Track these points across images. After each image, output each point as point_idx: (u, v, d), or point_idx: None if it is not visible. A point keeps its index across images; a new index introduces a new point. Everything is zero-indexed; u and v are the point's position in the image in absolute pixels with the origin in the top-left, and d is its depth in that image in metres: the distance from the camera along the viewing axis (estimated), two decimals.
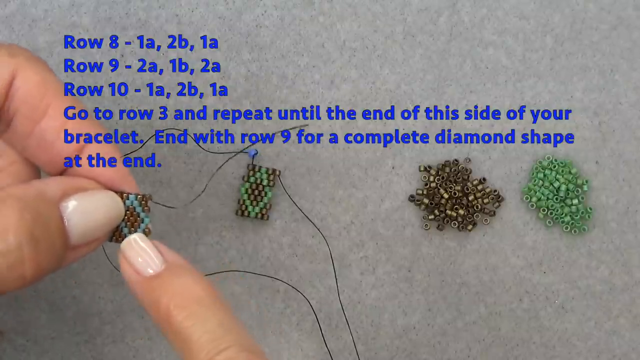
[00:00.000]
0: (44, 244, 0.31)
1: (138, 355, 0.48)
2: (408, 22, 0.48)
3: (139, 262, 0.34)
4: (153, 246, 0.35)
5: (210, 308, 0.33)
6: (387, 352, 0.49)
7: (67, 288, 0.48)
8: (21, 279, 0.30)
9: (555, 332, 0.49)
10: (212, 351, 0.32)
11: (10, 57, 0.33)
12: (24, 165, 0.35)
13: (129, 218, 0.36)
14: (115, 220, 0.35)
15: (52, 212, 0.32)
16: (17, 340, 0.48)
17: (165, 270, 0.34)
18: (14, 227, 0.30)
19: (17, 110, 0.33)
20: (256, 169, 0.47)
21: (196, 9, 0.48)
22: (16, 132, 0.34)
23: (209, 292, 0.34)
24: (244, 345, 0.32)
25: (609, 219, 0.49)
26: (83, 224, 0.33)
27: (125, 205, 0.35)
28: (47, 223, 0.31)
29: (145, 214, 0.36)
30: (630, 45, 0.49)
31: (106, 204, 0.34)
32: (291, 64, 0.48)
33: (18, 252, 0.30)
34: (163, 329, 0.33)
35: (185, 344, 0.32)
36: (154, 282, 0.34)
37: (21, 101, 0.33)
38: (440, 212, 0.48)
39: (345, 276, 0.48)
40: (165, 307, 0.33)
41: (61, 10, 0.47)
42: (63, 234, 0.32)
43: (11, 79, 0.33)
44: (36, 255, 0.30)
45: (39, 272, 0.31)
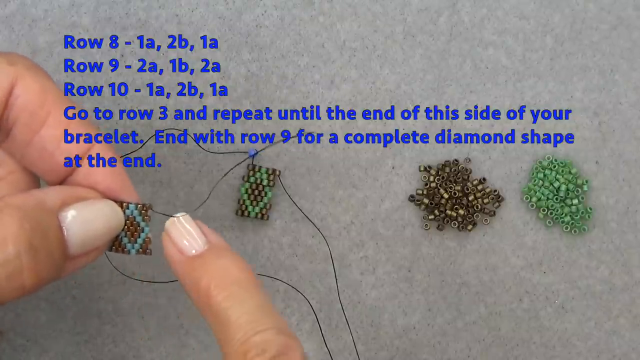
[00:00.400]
0: (43, 254, 0.31)
1: (138, 355, 0.48)
2: (408, 22, 0.48)
3: (183, 242, 0.34)
4: (197, 226, 0.35)
5: (249, 290, 0.33)
6: (387, 352, 0.49)
7: (67, 288, 0.48)
8: (20, 289, 0.30)
9: (555, 332, 0.49)
10: (250, 332, 0.32)
11: (9, 66, 0.33)
12: (23, 175, 0.35)
13: (129, 227, 0.35)
14: (115, 230, 0.35)
15: (51, 221, 0.32)
16: (17, 340, 0.48)
17: (207, 251, 0.34)
18: (13, 236, 0.30)
19: (17, 119, 0.33)
20: (256, 169, 0.47)
21: (196, 9, 0.48)
22: (16, 141, 0.34)
23: (248, 275, 0.34)
24: (281, 329, 0.32)
25: (609, 219, 0.49)
26: (82, 234, 0.33)
27: (125, 215, 0.35)
28: (46, 232, 0.31)
29: (146, 224, 0.36)
30: (630, 45, 0.49)
31: (106, 214, 0.34)
32: (291, 64, 0.48)
33: (17, 261, 0.30)
34: (202, 309, 0.33)
35: (223, 324, 0.32)
36: (196, 262, 0.34)
37: (21, 110, 0.33)
38: (440, 212, 0.48)
39: (345, 276, 0.48)
40: (206, 287, 0.33)
41: (61, 10, 0.47)
42: (62, 244, 0.32)
43: (11, 87, 0.33)
44: (35, 265, 0.30)
45: (38, 281, 0.31)
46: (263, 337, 0.32)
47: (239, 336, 0.32)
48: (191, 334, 0.48)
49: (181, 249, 0.34)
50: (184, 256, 0.34)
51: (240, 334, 0.32)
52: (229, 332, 0.32)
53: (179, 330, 0.48)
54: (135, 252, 0.36)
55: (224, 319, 0.32)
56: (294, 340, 0.32)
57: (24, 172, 0.35)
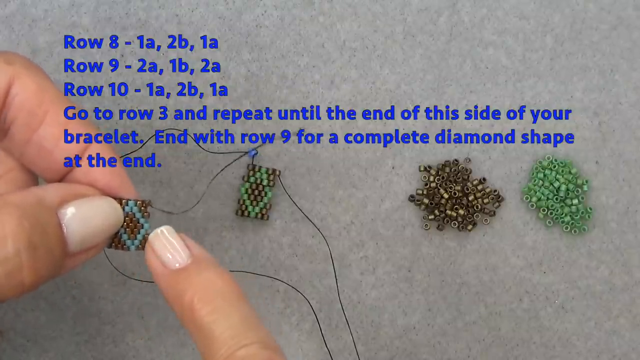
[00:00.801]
0: (42, 251, 0.31)
1: (138, 355, 0.48)
2: (408, 22, 0.48)
3: (166, 255, 0.34)
4: (180, 239, 0.35)
5: (234, 304, 0.33)
6: (387, 352, 0.49)
7: (67, 288, 0.48)
8: (20, 286, 0.30)
9: (555, 332, 0.49)
10: (234, 347, 0.32)
11: (6, 65, 0.33)
12: (22, 173, 0.35)
13: (128, 224, 0.35)
14: (114, 227, 0.35)
15: (50, 219, 0.32)
16: (17, 340, 0.48)
17: (191, 264, 0.34)
18: (12, 234, 0.30)
19: (15, 118, 0.33)
20: (256, 169, 0.47)
21: (196, 9, 0.48)
22: (14, 140, 0.34)
23: (232, 287, 0.34)
24: (266, 343, 0.32)
25: (609, 219, 0.49)
26: (81, 231, 0.33)
27: (125, 212, 0.35)
28: (46, 230, 0.31)
29: (145, 220, 0.36)
30: (630, 45, 0.49)
31: (105, 211, 0.34)
32: (291, 64, 0.48)
33: (16, 259, 0.30)
34: (185, 322, 0.33)
35: (207, 338, 0.32)
36: (180, 275, 0.34)
37: (18, 109, 0.33)
38: (440, 212, 0.48)
39: (345, 276, 0.49)
40: (189, 300, 0.33)
41: (61, 10, 0.47)
42: (61, 241, 0.32)
43: (8, 86, 0.33)
44: (34, 263, 0.30)
45: (38, 279, 0.31)
46: (247, 352, 0.32)
47: (222, 351, 0.32)
48: None
49: (164, 262, 0.34)
50: (167, 269, 0.34)
51: (224, 349, 0.32)
52: (212, 347, 0.32)
53: (179, 330, 0.48)
54: (134, 249, 0.36)
55: (207, 333, 0.32)
56: (278, 355, 0.32)
57: (23, 170, 0.35)
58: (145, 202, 0.35)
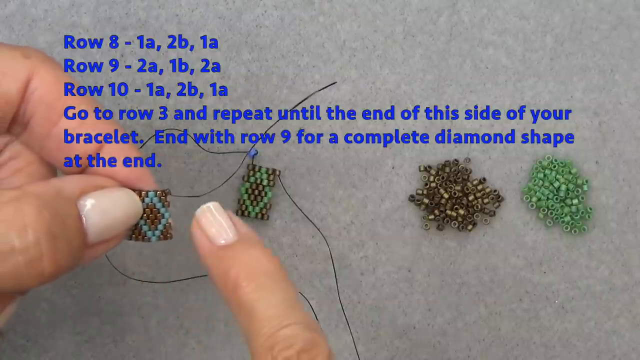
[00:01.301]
0: (62, 241, 0.31)
1: (138, 355, 0.48)
2: (408, 22, 0.48)
3: (213, 231, 0.35)
4: (227, 216, 0.35)
5: (279, 283, 0.33)
6: (387, 352, 0.49)
7: (67, 288, 0.48)
8: (39, 276, 0.30)
9: (555, 332, 0.49)
10: (277, 326, 0.32)
11: (25, 59, 0.33)
12: (41, 166, 0.35)
13: (148, 215, 0.35)
14: (133, 218, 0.35)
15: (70, 209, 0.32)
16: (17, 340, 0.48)
17: (237, 242, 0.34)
18: (32, 223, 0.30)
19: (34, 112, 0.33)
20: (256, 169, 0.47)
21: (196, 9, 0.48)
22: (34, 133, 0.34)
23: (277, 267, 0.34)
24: (308, 324, 0.32)
25: (609, 219, 0.49)
26: (101, 222, 0.33)
27: (145, 203, 0.35)
28: (65, 220, 0.31)
29: (166, 209, 0.36)
30: (630, 45, 0.49)
31: (124, 202, 0.34)
32: (291, 64, 0.48)
33: (36, 248, 0.30)
34: (229, 300, 0.33)
35: (250, 316, 0.32)
36: (226, 252, 0.34)
37: (38, 103, 0.33)
38: (440, 212, 0.48)
39: (345, 276, 0.49)
40: (234, 277, 0.33)
41: (61, 10, 0.47)
42: (81, 232, 0.32)
43: (27, 81, 0.33)
44: (54, 252, 0.30)
45: (57, 268, 0.31)
46: (290, 332, 0.32)
47: (265, 330, 0.32)
48: (191, 334, 0.48)
49: (210, 238, 0.35)
50: (214, 246, 0.34)
51: (267, 328, 0.32)
52: (255, 325, 0.32)
53: (179, 330, 0.48)
54: (156, 239, 0.36)
55: (251, 311, 0.32)
56: (320, 336, 0.32)
57: (42, 163, 0.35)
58: (165, 192, 0.36)
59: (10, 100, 0.33)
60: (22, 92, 0.33)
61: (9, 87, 0.33)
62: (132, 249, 0.48)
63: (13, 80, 0.33)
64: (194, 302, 0.48)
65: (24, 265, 0.30)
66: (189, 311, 0.48)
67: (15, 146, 0.35)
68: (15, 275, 0.30)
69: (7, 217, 0.29)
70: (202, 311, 0.48)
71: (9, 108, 0.33)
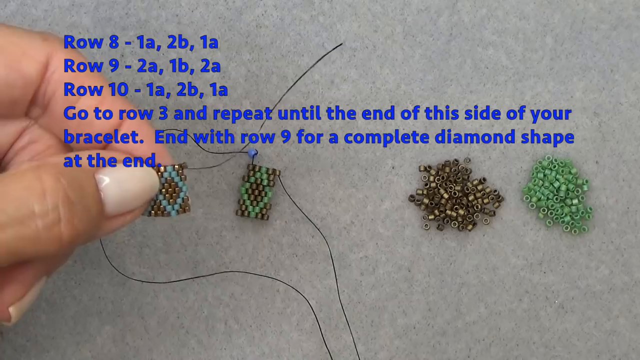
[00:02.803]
0: (80, 207, 0.32)
1: (138, 355, 0.48)
2: (408, 22, 0.48)
3: None
4: None
5: None
6: (387, 352, 0.49)
7: (67, 288, 0.48)
8: (58, 241, 0.31)
9: (555, 332, 0.49)
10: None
11: (43, 41, 0.34)
12: (61, 150, 0.36)
13: (167, 190, 0.36)
14: (151, 192, 0.35)
15: (88, 179, 0.33)
16: (17, 340, 0.48)
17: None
18: (50, 189, 0.31)
19: (54, 92, 0.34)
20: (256, 169, 0.47)
21: (196, 9, 0.48)
22: (53, 115, 0.35)
23: None
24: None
25: (609, 219, 0.49)
26: (118, 194, 0.34)
27: (164, 178, 0.36)
28: (83, 188, 0.32)
29: (183, 183, 0.36)
30: (630, 45, 0.49)
31: (141, 175, 0.35)
32: (291, 64, 0.48)
33: (54, 213, 0.31)
34: None
35: None
36: None
37: (57, 83, 0.34)
38: (440, 212, 0.48)
39: (345, 276, 0.48)
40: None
41: (61, 10, 0.47)
42: (99, 201, 0.33)
43: (46, 62, 0.34)
44: (72, 217, 0.31)
45: (75, 234, 0.32)
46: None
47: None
48: (191, 334, 0.48)
49: None
50: None
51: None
52: None
53: (179, 330, 0.48)
54: (175, 213, 0.37)
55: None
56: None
57: (62, 145, 0.36)
58: (182, 165, 0.36)
59: (30, 80, 0.33)
60: (42, 73, 0.34)
61: (29, 68, 0.33)
62: (132, 248, 0.48)
63: (32, 61, 0.33)
64: (194, 302, 0.48)
65: (43, 229, 0.31)
66: (189, 311, 0.48)
67: (35, 130, 0.36)
68: (35, 240, 0.31)
69: (26, 184, 0.31)
70: (202, 311, 0.48)
71: (28, 88, 0.34)
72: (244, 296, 0.48)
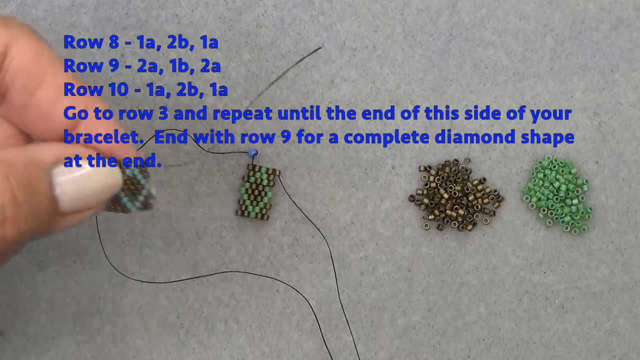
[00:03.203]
0: (28, 207, 0.31)
1: (138, 355, 0.48)
2: (408, 22, 0.48)
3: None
4: None
5: None
6: (387, 352, 0.49)
7: (67, 288, 0.48)
8: (1, 240, 0.31)
9: (555, 332, 0.49)
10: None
11: (3, 28, 0.33)
12: (21, 139, 0.35)
13: (129, 187, 0.35)
14: (111, 189, 0.34)
15: (41, 176, 0.32)
16: (17, 340, 0.48)
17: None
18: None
19: (12, 81, 0.33)
20: (256, 169, 0.47)
21: (196, 9, 0.48)
22: (12, 104, 0.34)
23: None
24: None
25: (609, 219, 0.49)
26: (74, 191, 0.33)
27: (126, 175, 0.34)
28: (34, 187, 0.31)
29: (146, 180, 0.35)
30: (630, 45, 0.49)
31: (100, 173, 0.34)
32: (291, 64, 0.48)
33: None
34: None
35: None
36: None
37: (16, 72, 0.33)
38: (440, 212, 0.48)
39: (345, 276, 0.48)
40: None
41: (61, 10, 0.47)
42: (50, 200, 0.32)
43: (5, 49, 0.33)
44: (17, 217, 0.31)
45: (19, 233, 0.31)
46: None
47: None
48: (191, 334, 0.48)
49: None
50: None
51: None
52: None
53: (179, 330, 0.48)
54: (136, 210, 0.36)
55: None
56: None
57: (22, 135, 0.35)
58: (144, 161, 0.35)
59: None
60: (0, 61, 0.33)
61: None
62: (132, 248, 0.48)
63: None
64: (194, 302, 0.48)
65: None
66: (189, 311, 0.48)
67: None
68: None
69: None
70: (202, 311, 0.48)
71: None
72: (244, 296, 0.48)
